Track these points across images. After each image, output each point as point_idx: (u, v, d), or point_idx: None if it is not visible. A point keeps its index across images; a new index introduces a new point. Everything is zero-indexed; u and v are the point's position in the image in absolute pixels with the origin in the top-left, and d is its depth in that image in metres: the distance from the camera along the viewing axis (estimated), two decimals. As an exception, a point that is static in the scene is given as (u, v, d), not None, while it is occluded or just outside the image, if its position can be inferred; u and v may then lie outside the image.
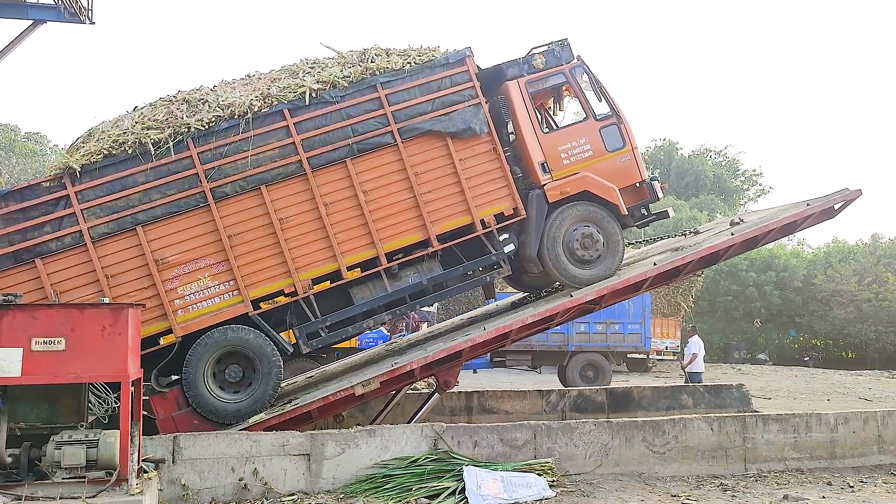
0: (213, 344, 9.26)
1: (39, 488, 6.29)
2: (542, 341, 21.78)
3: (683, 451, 9.52)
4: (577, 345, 21.81)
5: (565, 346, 21.89)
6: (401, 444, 8.84)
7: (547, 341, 21.84)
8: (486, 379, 22.68)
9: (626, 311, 22.04)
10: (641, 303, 22.39)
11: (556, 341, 21.92)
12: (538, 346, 21.99)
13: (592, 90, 10.73)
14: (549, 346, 22.02)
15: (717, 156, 53.26)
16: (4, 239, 8.90)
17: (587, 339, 21.87)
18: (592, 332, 21.81)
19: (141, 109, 9.83)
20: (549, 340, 21.83)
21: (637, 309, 22.37)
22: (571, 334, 21.75)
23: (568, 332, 21.69)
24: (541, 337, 21.55)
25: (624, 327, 22.16)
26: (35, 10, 23.73)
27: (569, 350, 21.82)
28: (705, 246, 10.64)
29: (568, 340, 21.84)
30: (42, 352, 6.34)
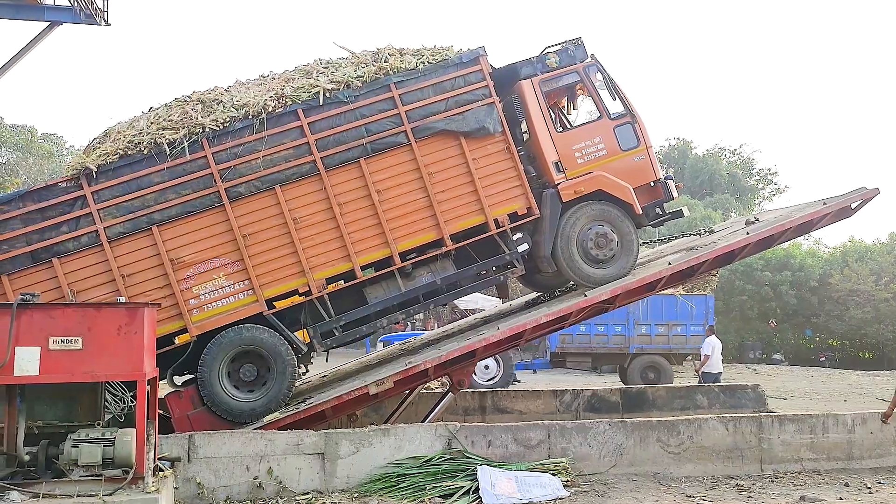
0: (228, 343, 9.31)
1: (57, 486, 6.34)
2: (603, 343, 21.79)
3: (698, 452, 9.48)
4: (637, 346, 21.58)
5: (626, 347, 21.67)
6: (415, 443, 8.85)
7: (608, 343, 21.80)
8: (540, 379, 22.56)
9: (689, 312, 21.77)
10: (705, 304, 22.16)
11: (616, 343, 21.77)
12: (598, 347, 21.92)
13: (606, 89, 10.69)
14: (609, 347, 21.88)
15: (731, 155, 52.88)
16: (22, 239, 8.98)
17: (648, 340, 21.59)
18: (654, 334, 21.53)
19: (156, 110, 9.90)
20: (610, 342, 21.76)
21: (700, 310, 22.03)
22: (633, 336, 21.55)
23: (629, 334, 21.56)
24: (601, 338, 21.67)
25: (686, 329, 21.71)
26: (51, 12, 23.93)
27: (630, 351, 21.59)
28: (720, 245, 10.58)
29: (629, 342, 21.63)
30: (59, 351, 6.39)
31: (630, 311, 21.40)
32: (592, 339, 21.98)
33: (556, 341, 22.30)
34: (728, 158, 52.41)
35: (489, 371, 19.22)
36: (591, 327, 21.68)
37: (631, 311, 21.46)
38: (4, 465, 6.51)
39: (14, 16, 24.01)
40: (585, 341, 22.11)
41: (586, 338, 22.03)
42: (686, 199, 39.73)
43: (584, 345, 22.18)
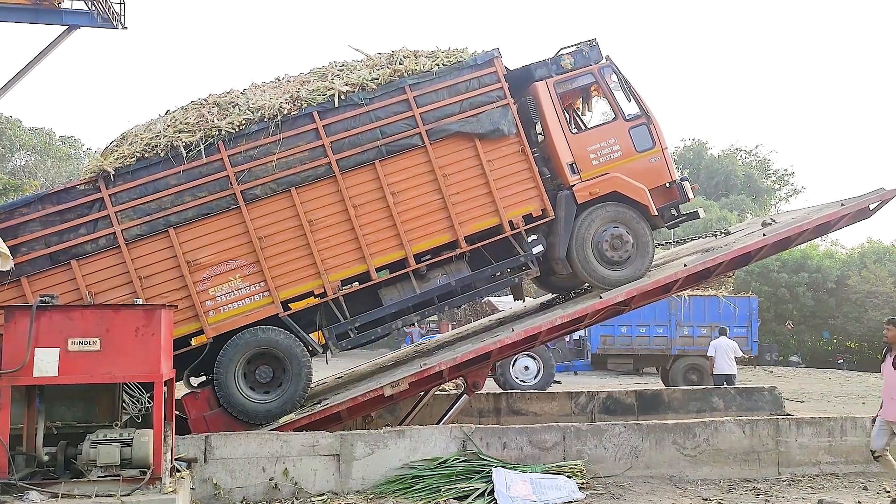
0: (244, 345, 9.35)
1: (76, 486, 6.40)
2: (645, 344, 21.70)
3: (715, 455, 9.42)
4: (680, 348, 21.35)
5: (668, 349, 21.50)
6: (430, 445, 8.85)
7: (649, 344, 21.70)
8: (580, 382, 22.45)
9: (732, 314, 21.59)
10: (748, 306, 22.01)
11: (658, 344, 21.64)
12: (640, 348, 21.84)
13: (621, 90, 10.67)
14: (651, 349, 21.78)
15: (747, 155, 52.62)
16: (41, 241, 9.07)
17: (691, 342, 21.31)
18: (696, 336, 21.28)
19: (173, 113, 9.96)
20: (652, 343, 21.66)
21: (743, 312, 21.86)
22: (675, 337, 21.38)
23: (671, 336, 21.41)
24: (643, 340, 21.59)
25: (730, 331, 21.61)
26: (69, 16, 24.21)
27: (672, 353, 21.39)
28: (737, 247, 10.51)
29: (671, 343, 21.46)
30: (78, 352, 6.46)
31: (672, 312, 21.34)
32: (634, 340, 21.89)
33: (598, 342, 22.21)
34: (744, 159, 52.15)
35: (528, 372, 19.09)
36: (632, 329, 21.62)
37: (673, 313, 21.39)
38: (24, 465, 6.59)
39: (33, 20, 24.30)
40: (627, 343, 22.03)
41: (628, 339, 21.96)
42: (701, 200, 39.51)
43: (625, 346, 22.06)
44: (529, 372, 19.12)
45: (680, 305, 21.57)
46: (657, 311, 21.26)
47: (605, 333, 22.08)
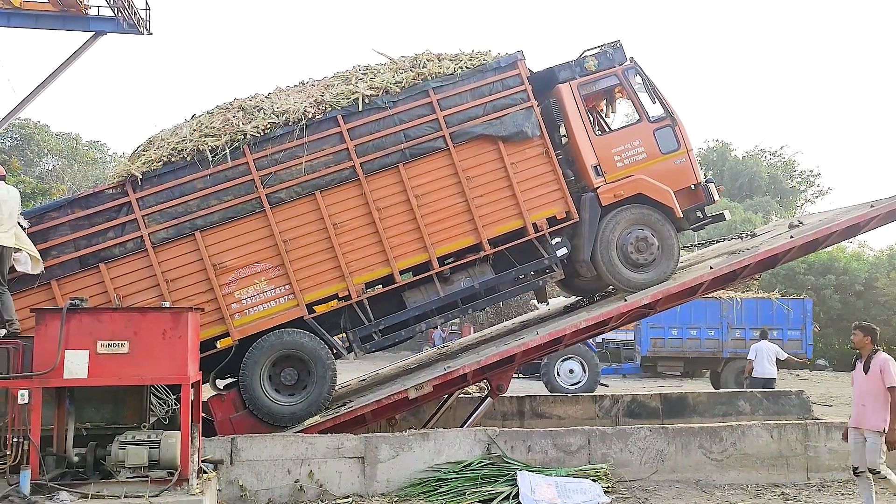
0: (269, 347, 9.40)
1: (105, 486, 6.48)
2: (696, 347, 21.43)
3: (742, 459, 9.32)
4: (732, 351, 20.98)
5: (720, 352, 21.17)
6: (454, 448, 8.85)
7: (700, 347, 21.42)
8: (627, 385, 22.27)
9: (785, 316, 21.27)
10: (802, 308, 21.64)
11: (710, 347, 21.32)
12: (691, 352, 21.55)
13: (646, 92, 10.62)
14: (702, 352, 21.47)
15: (772, 156, 52.06)
16: (71, 244, 9.18)
17: (743, 345, 20.71)
18: (749, 339, 20.75)
19: (199, 117, 10.06)
20: (703, 346, 21.36)
21: (797, 314, 21.48)
22: (727, 340, 21.07)
23: (723, 338, 21.12)
24: (694, 343, 21.31)
25: (783, 333, 20.97)
26: (95, 22, 24.55)
27: (724, 356, 21.04)
28: (763, 249, 10.40)
29: (723, 346, 21.14)
30: (107, 354, 6.54)
31: (724, 314, 21.05)
32: (685, 343, 21.60)
33: (648, 345, 21.95)
34: (769, 160, 51.61)
35: (574, 375, 19.01)
36: (683, 331, 21.38)
37: (725, 315, 21.10)
38: (54, 466, 6.68)
39: (61, 27, 24.69)
40: (678, 345, 21.73)
41: (678, 342, 21.67)
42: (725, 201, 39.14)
43: (675, 349, 21.75)
44: (575, 375, 19.01)
45: (732, 307, 21.20)
46: (708, 313, 21.11)
47: (656, 336, 21.80)
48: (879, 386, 7.44)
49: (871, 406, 7.48)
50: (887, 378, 7.39)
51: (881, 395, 7.43)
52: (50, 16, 24.37)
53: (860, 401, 7.64)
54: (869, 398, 7.52)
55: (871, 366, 7.54)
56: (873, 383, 7.50)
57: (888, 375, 7.39)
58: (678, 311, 20.80)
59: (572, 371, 19.04)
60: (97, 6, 24.33)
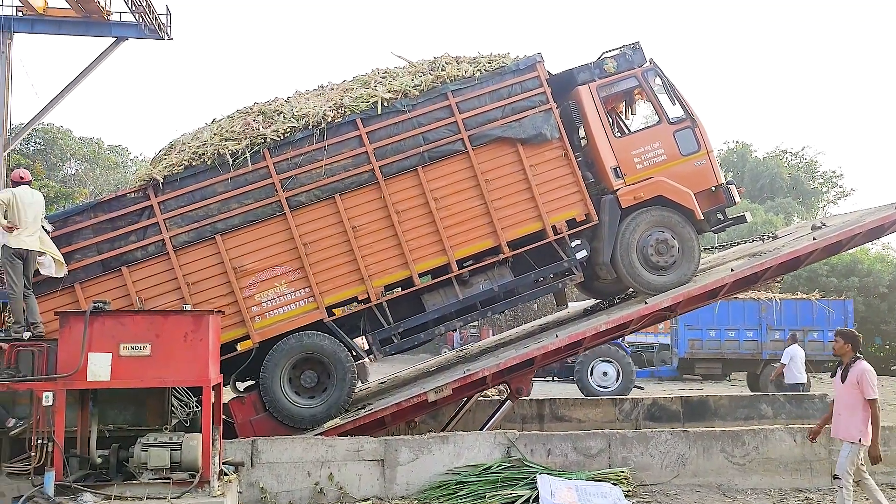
0: (289, 350, 9.44)
1: (127, 488, 6.52)
2: (734, 348, 21.27)
3: (765, 463, 9.22)
4: (771, 352, 20.69)
5: (759, 353, 20.96)
6: (474, 451, 8.83)
7: (739, 349, 21.26)
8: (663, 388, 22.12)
9: (826, 317, 21.01)
10: (843, 309, 21.46)
11: (748, 348, 21.15)
12: (729, 353, 21.39)
13: (666, 93, 10.56)
14: (741, 353, 21.29)
15: (793, 157, 51.56)
16: (94, 248, 9.28)
17: (782, 346, 20.58)
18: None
19: (219, 121, 10.13)
20: (742, 348, 21.21)
21: (839, 315, 21.22)
22: (766, 342, 20.87)
23: (762, 340, 20.94)
24: (732, 344, 21.11)
25: (823, 335, 20.74)
26: (117, 28, 24.86)
27: (763, 358, 20.80)
28: (786, 251, 10.30)
29: (762, 348, 20.95)
30: (129, 357, 6.57)
31: (763, 315, 20.87)
32: (723, 344, 21.40)
33: (685, 347, 21.76)
34: (790, 161, 51.11)
35: (607, 378, 18.99)
36: (721, 333, 21.20)
37: (764, 316, 20.92)
38: (78, 467, 6.73)
39: (84, 33, 25.01)
40: (715, 347, 21.53)
41: (716, 343, 21.49)
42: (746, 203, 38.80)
43: (713, 350, 21.55)
44: (608, 378, 18.98)
45: (771, 308, 21.00)
46: (747, 314, 20.96)
47: (693, 337, 21.63)
48: (856, 396, 7.21)
49: (847, 416, 7.27)
50: (866, 390, 7.15)
51: (858, 405, 7.20)
52: (73, 22, 24.70)
53: (838, 410, 7.42)
54: (845, 408, 7.30)
55: (850, 375, 7.30)
56: (850, 393, 7.27)
57: (866, 387, 7.15)
58: (716, 312, 20.71)
59: (606, 374, 18.99)
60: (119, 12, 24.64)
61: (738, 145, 51.68)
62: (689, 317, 20.54)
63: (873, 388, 7.19)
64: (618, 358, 18.93)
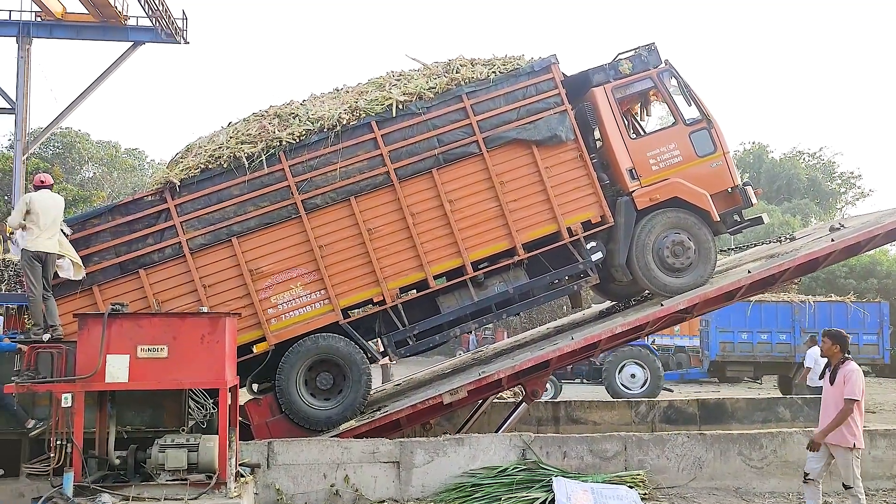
0: (305, 352, 9.47)
1: (145, 489, 6.58)
2: (766, 351, 20.92)
3: (783, 467, 9.14)
4: (804, 356, 20.70)
5: (792, 356, 20.49)
6: (489, 453, 8.82)
7: (772, 352, 20.89)
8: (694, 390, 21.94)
9: (861, 320, 20.59)
10: (878, 311, 21.05)
11: (781, 351, 20.73)
12: (761, 356, 21.02)
13: (681, 94, 10.52)
14: (773, 356, 20.88)
15: (811, 158, 51.15)
16: (112, 251, 9.35)
17: None
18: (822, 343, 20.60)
19: (235, 125, 10.19)
20: (774, 351, 20.84)
21: (874, 318, 20.84)
22: (799, 344, 20.28)
23: (794, 342, 20.52)
24: (764, 347, 20.77)
25: (858, 337, 20.23)
26: (134, 33, 25.10)
27: (796, 360, 20.22)
28: (803, 253, 10.22)
29: (795, 351, 20.43)
30: (147, 359, 6.63)
31: (796, 317, 20.61)
32: (755, 347, 20.98)
33: (717, 349, 21.48)
34: (807, 162, 50.70)
35: (635, 380, 18.82)
36: (753, 335, 20.85)
37: (797, 318, 20.64)
38: (96, 468, 6.79)
39: (101, 37, 25.27)
40: (747, 349, 21.09)
41: (748, 346, 21.09)
42: (763, 204, 38.60)
43: (745, 353, 21.13)
44: (636, 380, 18.83)
45: (804, 311, 20.65)
46: (779, 316, 20.67)
47: (725, 340, 21.27)
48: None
49: None
50: (847, 388, 7.03)
51: None
52: (91, 27, 24.97)
53: (825, 413, 7.27)
54: (832, 410, 7.14)
55: (837, 376, 7.18)
56: (838, 395, 7.13)
57: (848, 385, 7.02)
58: (748, 314, 20.45)
59: (634, 376, 18.82)
60: (136, 17, 24.89)
61: (754, 146, 51.34)
62: (721, 319, 20.48)
63: (856, 389, 7.04)
64: (646, 360, 18.74)
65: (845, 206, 49.98)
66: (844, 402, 7.03)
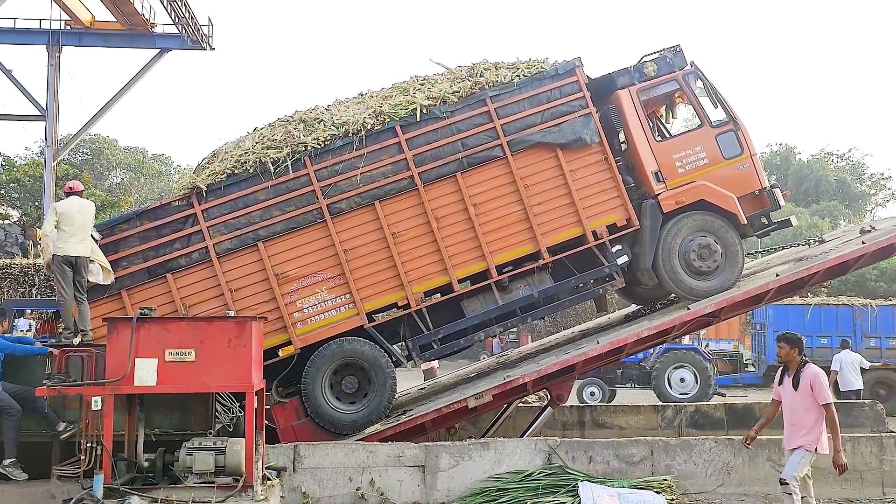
0: (331, 356, 9.50)
1: (173, 491, 6.66)
2: (827, 356, 20.19)
3: (813, 473, 8.93)
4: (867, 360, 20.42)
5: None
6: (514, 457, 8.78)
7: (832, 356, 20.70)
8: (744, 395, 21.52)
9: None
10: None
11: None
12: (822, 362, 20.24)
13: (707, 96, 10.43)
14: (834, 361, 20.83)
15: (839, 160, 50.50)
16: (140, 255, 9.45)
17: (878, 354, 19.69)
18: (885, 347, 19.96)
19: (261, 130, 10.27)
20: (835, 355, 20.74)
21: None
22: (860, 349, 19.74)
23: (856, 347, 19.80)
24: (824, 352, 20.02)
25: None
26: (161, 40, 25.46)
27: None
28: (833, 256, 10.09)
29: None
30: (174, 363, 6.71)
31: (857, 322, 20.22)
32: (815, 352, 20.15)
33: (775, 354, 21.21)
34: (836, 164, 50.04)
35: (685, 385, 18.49)
36: (813, 340, 20.26)
37: (858, 322, 20.25)
38: (125, 471, 6.87)
39: (129, 45, 25.64)
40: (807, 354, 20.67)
41: (807, 351, 20.70)
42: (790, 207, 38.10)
43: None
44: (686, 384, 18.49)
45: (866, 315, 20.25)
46: (840, 320, 20.30)
47: None
48: (810, 402, 6.92)
49: (802, 423, 6.99)
50: (820, 395, 6.87)
51: (812, 411, 6.92)
52: (118, 34, 25.35)
53: (793, 418, 7.11)
54: (800, 416, 7.01)
55: (801, 380, 7.01)
56: (804, 400, 6.98)
57: (819, 391, 6.87)
58: (807, 318, 20.12)
59: (683, 380, 18.49)
60: (163, 24, 25.22)
61: (781, 148, 50.80)
62: (779, 323, 20.09)
63: (827, 391, 6.92)
64: (696, 364, 18.39)
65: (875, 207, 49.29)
66: (824, 408, 6.89)
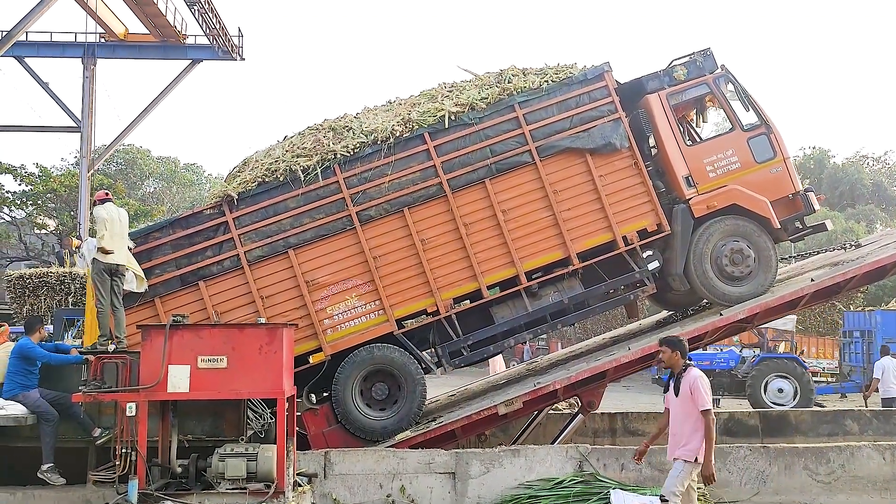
0: (361, 362, 9.53)
1: (206, 497, 6.70)
2: None
3: (852, 482, 8.82)
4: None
5: None
6: (545, 464, 8.72)
7: None
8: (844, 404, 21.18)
9: None
10: None
11: None
12: None
13: (738, 99, 10.33)
14: None
15: (875, 163, 49.60)
16: (172, 263, 9.57)
17: None
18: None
19: (290, 138, 10.36)
20: None
21: None
22: None
23: None
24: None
25: None
26: (193, 51, 25.85)
27: None
28: (870, 260, 9.91)
29: None
30: (207, 369, 6.77)
31: None
32: None
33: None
34: (871, 167, 49.15)
35: (783, 395, 17.83)
36: None
37: None
38: (159, 476, 6.94)
39: (162, 56, 26.09)
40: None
41: None
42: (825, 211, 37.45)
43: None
44: (784, 394, 17.81)
45: None
46: None
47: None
48: (690, 408, 6.57)
49: (682, 432, 6.66)
50: (699, 400, 6.51)
51: (691, 419, 6.57)
52: (151, 46, 25.80)
53: (672, 428, 6.79)
54: (681, 424, 6.67)
55: (682, 386, 6.65)
56: (684, 406, 6.63)
57: (699, 397, 6.50)
58: None
59: (781, 390, 17.81)
60: (194, 35, 25.62)
61: (815, 151, 50.00)
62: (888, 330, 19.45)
63: (707, 396, 6.58)
64: (794, 373, 17.84)
65: (913, 211, 48.25)
66: (703, 415, 6.55)
